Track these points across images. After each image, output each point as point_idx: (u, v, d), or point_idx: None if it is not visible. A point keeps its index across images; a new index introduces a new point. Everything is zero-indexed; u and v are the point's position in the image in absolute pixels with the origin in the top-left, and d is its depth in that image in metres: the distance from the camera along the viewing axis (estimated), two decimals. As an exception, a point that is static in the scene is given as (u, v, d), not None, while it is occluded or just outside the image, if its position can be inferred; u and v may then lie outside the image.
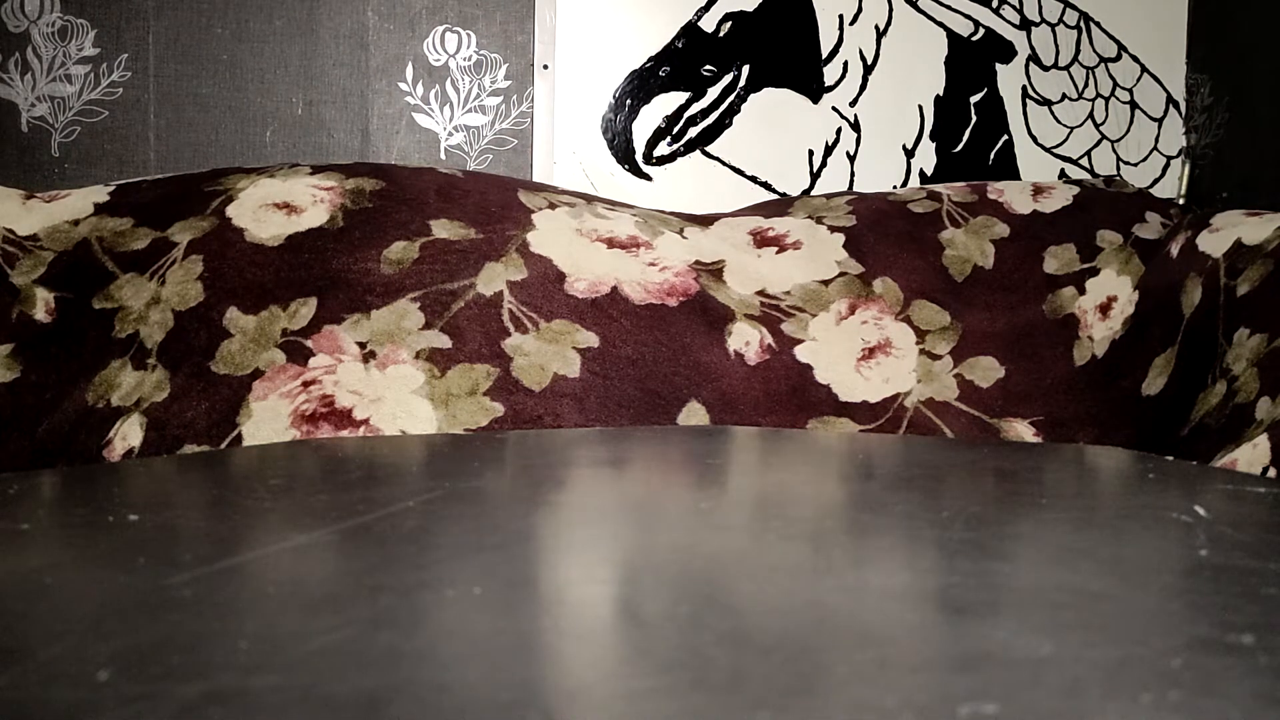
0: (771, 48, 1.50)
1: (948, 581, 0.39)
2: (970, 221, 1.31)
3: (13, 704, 0.26)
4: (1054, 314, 1.25)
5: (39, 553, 0.44)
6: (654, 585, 0.39)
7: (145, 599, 0.35)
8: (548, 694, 0.28)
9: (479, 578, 0.42)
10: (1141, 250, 1.28)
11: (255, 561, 0.43)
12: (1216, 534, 0.46)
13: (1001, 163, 1.57)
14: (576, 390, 1.06)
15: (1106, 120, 1.59)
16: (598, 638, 0.33)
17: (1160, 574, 0.42)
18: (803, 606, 0.36)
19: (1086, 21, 1.58)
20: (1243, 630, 0.32)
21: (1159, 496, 0.60)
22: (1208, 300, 1.15)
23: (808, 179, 1.52)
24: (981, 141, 1.57)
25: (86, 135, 1.33)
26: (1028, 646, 0.30)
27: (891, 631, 0.33)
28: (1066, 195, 1.35)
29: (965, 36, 1.55)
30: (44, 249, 1.13)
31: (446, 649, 0.32)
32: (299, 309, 1.07)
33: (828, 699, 0.27)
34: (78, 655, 0.29)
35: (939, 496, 0.59)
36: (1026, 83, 1.57)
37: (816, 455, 0.74)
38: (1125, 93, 1.59)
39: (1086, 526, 0.51)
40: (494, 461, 0.66)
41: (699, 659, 0.30)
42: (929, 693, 0.27)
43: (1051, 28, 1.57)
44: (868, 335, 1.21)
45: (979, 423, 1.17)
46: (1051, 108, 1.58)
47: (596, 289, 1.15)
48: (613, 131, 1.46)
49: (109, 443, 1.01)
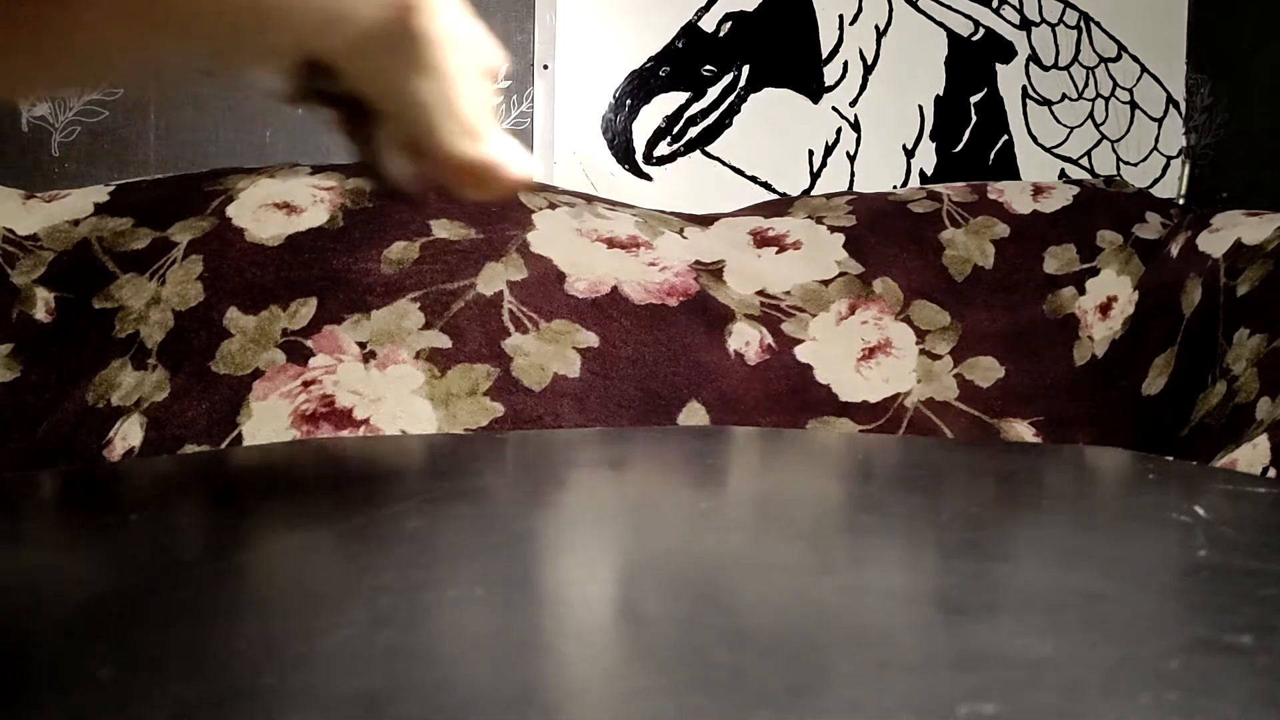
0: (771, 48, 1.50)
1: (947, 582, 0.39)
2: (970, 221, 1.31)
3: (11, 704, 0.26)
4: (1054, 314, 1.25)
5: (38, 553, 0.44)
6: (654, 585, 0.39)
7: (144, 599, 0.35)
8: (548, 693, 0.28)
9: (480, 577, 0.42)
10: (1141, 250, 1.28)
11: (255, 562, 0.43)
12: (1216, 534, 0.46)
13: (1001, 163, 1.57)
14: (576, 390, 1.06)
15: (1106, 120, 1.59)
16: (598, 637, 0.33)
17: (1159, 574, 0.42)
18: (802, 606, 0.36)
19: (1086, 21, 1.58)
20: (1241, 631, 0.32)
21: (1159, 497, 0.60)
22: (1208, 300, 1.15)
23: (808, 179, 1.52)
24: (981, 141, 1.57)
25: (86, 135, 1.33)
26: (1027, 647, 0.30)
27: (890, 631, 0.33)
28: (1066, 195, 1.35)
29: (965, 36, 1.55)
30: (44, 249, 1.13)
31: (447, 648, 0.32)
32: (299, 309, 1.07)
33: (827, 698, 0.27)
34: (77, 656, 0.29)
35: (939, 497, 0.59)
36: (1026, 83, 1.57)
37: (816, 455, 0.74)
38: (1125, 93, 1.59)
39: (1086, 527, 0.51)
40: (494, 461, 0.66)
41: (699, 658, 0.30)
42: (927, 692, 0.27)
43: (1051, 28, 1.57)
44: (868, 335, 1.21)
45: (979, 423, 1.17)
46: (1051, 108, 1.58)
47: (596, 289, 1.15)
48: (613, 131, 1.47)
49: (109, 443, 1.01)
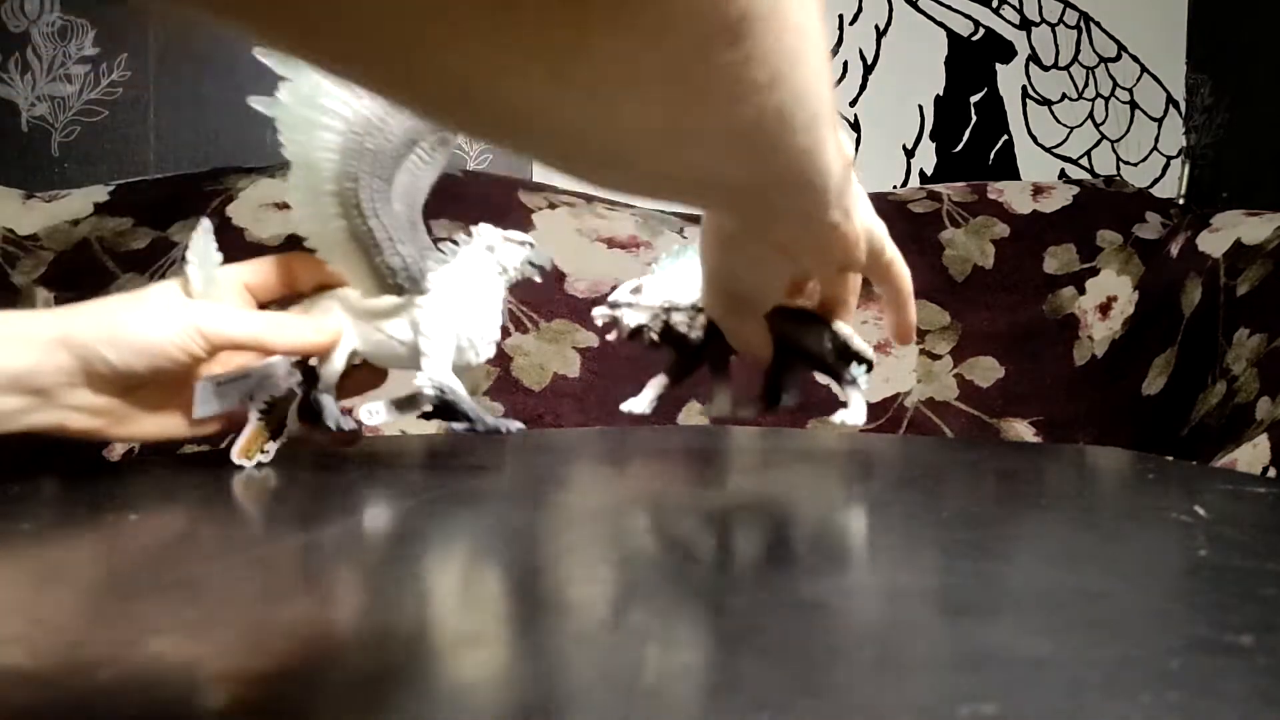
0: (771, 47, 1.50)
1: (947, 582, 0.39)
2: (970, 221, 1.31)
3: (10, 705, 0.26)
4: (1054, 314, 1.25)
5: (37, 553, 0.44)
6: (654, 585, 0.39)
7: (143, 600, 0.35)
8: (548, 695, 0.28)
9: (479, 578, 0.42)
10: (1141, 250, 1.28)
11: (254, 562, 0.43)
12: (1216, 534, 0.46)
13: (1001, 162, 1.57)
14: (576, 390, 1.06)
15: (1106, 120, 1.59)
16: (598, 638, 0.33)
17: (1160, 574, 0.42)
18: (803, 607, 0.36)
19: (1086, 21, 1.58)
20: (1242, 631, 0.31)
21: (1159, 497, 0.60)
22: (1207, 300, 1.15)
23: (808, 179, 1.52)
24: (981, 141, 1.57)
25: (86, 135, 1.33)
26: (1027, 647, 0.30)
27: (891, 632, 0.33)
28: (1066, 195, 1.35)
29: (965, 36, 1.55)
30: (44, 249, 1.13)
31: (446, 649, 0.32)
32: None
33: (828, 699, 0.27)
34: (75, 656, 0.29)
35: (939, 497, 0.59)
36: (1026, 82, 1.57)
37: (817, 455, 0.74)
38: (1125, 93, 1.59)
39: (1086, 527, 0.50)
40: (494, 461, 0.66)
41: (699, 659, 0.30)
42: (928, 693, 0.27)
43: (1051, 28, 1.57)
44: (868, 335, 1.20)
45: (979, 423, 1.17)
46: (1051, 108, 1.58)
47: (597, 289, 1.15)
48: (613, 131, 1.46)
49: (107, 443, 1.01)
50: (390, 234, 0.57)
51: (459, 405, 0.59)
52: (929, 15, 1.54)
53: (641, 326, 0.60)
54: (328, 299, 0.60)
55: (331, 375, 0.60)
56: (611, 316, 0.61)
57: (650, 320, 0.60)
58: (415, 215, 0.60)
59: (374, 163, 0.56)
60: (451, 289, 0.60)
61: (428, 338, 0.59)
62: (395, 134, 0.56)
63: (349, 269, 0.58)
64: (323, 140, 0.55)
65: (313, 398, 0.60)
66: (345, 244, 0.57)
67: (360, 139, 0.56)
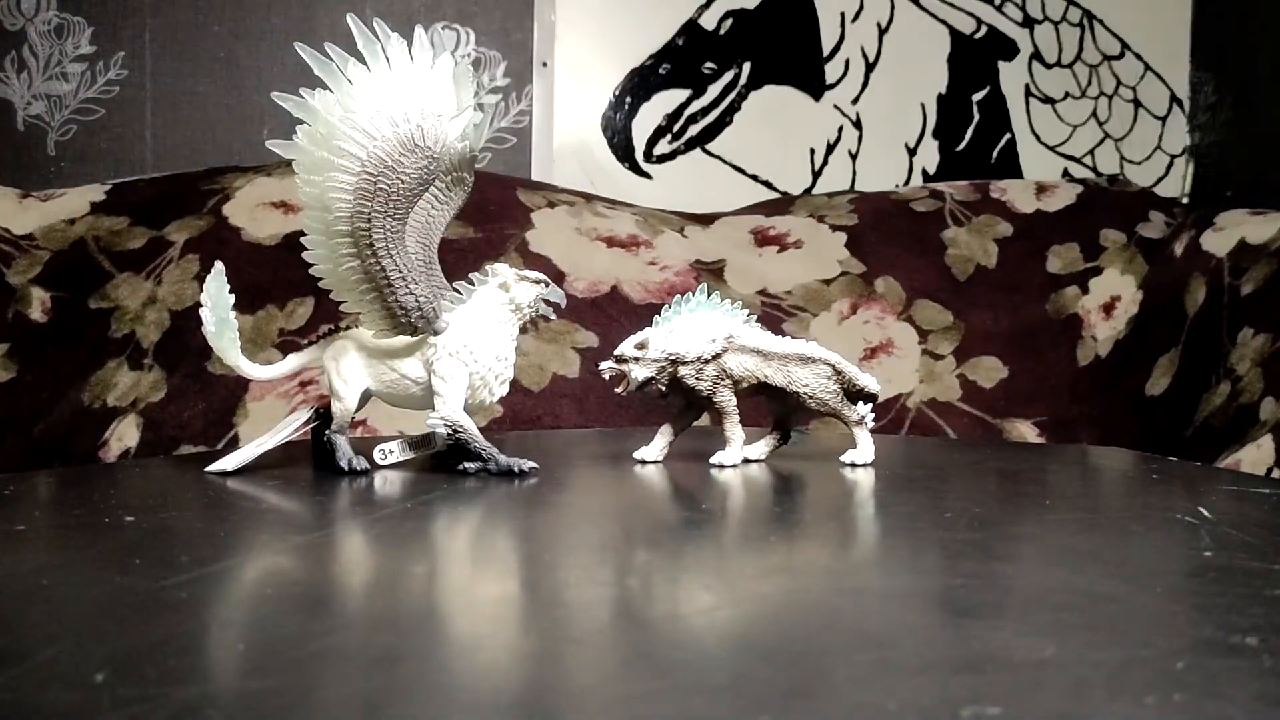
0: (773, 45, 1.50)
1: (950, 583, 0.39)
2: (973, 220, 1.30)
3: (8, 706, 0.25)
4: (1057, 314, 1.25)
5: (34, 554, 0.44)
6: (654, 586, 0.39)
7: (141, 601, 0.35)
8: (548, 695, 0.27)
9: (479, 578, 0.42)
10: (1145, 249, 1.28)
11: (253, 563, 0.43)
12: (1220, 535, 0.46)
13: (1004, 161, 1.57)
14: (576, 390, 1.06)
15: (1110, 118, 1.59)
16: (598, 639, 0.33)
17: (1164, 575, 0.42)
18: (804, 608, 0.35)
19: (1090, 19, 1.57)
20: (1247, 632, 0.31)
21: (1163, 497, 0.60)
22: (1212, 300, 1.14)
23: (809, 177, 1.52)
24: (984, 140, 1.56)
25: (83, 134, 1.33)
26: (1031, 648, 0.30)
27: (893, 633, 0.33)
28: (1070, 194, 1.34)
29: (968, 34, 1.55)
30: (40, 248, 1.13)
31: (446, 650, 0.32)
32: (296, 309, 1.06)
33: (829, 701, 0.27)
34: (74, 657, 0.29)
35: (942, 497, 0.59)
36: (1029, 80, 1.57)
37: (817, 455, 0.74)
38: (1129, 91, 1.59)
39: (1090, 528, 0.50)
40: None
41: (699, 661, 0.30)
42: (931, 695, 0.27)
43: (1054, 25, 1.57)
44: (869, 335, 1.21)
45: (982, 423, 1.17)
46: (1054, 106, 1.58)
47: (596, 288, 1.14)
48: (612, 129, 1.46)
49: (105, 443, 1.00)
50: (404, 273, 0.58)
51: (472, 444, 0.60)
52: (931, 13, 1.54)
53: (649, 379, 0.64)
54: (342, 338, 0.62)
55: (345, 415, 0.61)
56: (618, 370, 0.64)
57: (657, 374, 0.64)
58: (431, 255, 0.60)
59: (387, 203, 0.57)
60: (465, 328, 0.60)
61: (441, 377, 0.60)
62: (410, 174, 0.57)
63: (363, 308, 0.59)
64: (336, 181, 0.56)
65: (326, 438, 0.61)
66: (359, 283, 0.58)
67: (374, 179, 0.56)
